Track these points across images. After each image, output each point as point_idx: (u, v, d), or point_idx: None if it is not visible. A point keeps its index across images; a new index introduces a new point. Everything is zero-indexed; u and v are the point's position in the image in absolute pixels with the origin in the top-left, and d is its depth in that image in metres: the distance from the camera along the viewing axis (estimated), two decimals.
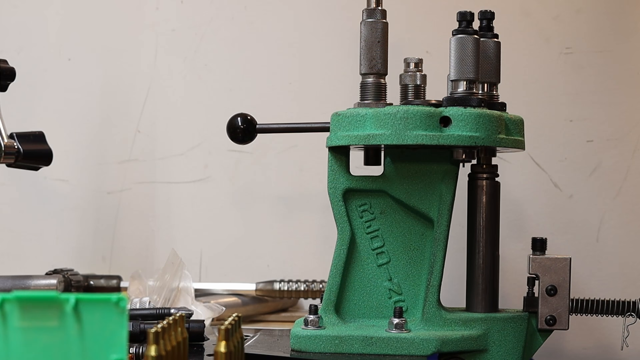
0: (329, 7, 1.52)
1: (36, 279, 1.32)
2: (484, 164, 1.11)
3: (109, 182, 1.57)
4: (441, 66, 1.18)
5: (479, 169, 1.12)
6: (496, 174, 1.12)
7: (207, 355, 1.04)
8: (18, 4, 1.59)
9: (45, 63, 1.58)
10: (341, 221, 1.10)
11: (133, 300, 1.23)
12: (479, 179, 1.11)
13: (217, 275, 1.54)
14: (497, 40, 1.15)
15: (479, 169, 1.12)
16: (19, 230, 1.59)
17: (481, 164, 1.12)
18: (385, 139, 1.03)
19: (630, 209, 1.45)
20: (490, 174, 1.11)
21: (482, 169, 1.11)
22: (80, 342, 0.72)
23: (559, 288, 1.09)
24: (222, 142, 1.42)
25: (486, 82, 1.14)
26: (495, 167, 1.12)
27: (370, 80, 1.11)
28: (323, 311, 1.08)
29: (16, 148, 1.22)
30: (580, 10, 1.46)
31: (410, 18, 1.49)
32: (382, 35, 1.10)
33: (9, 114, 1.27)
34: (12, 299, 0.72)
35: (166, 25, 1.56)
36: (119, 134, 1.57)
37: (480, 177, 1.11)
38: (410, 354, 1.03)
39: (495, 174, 1.12)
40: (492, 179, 1.11)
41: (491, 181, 1.11)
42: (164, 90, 1.56)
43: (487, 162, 1.12)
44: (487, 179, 1.11)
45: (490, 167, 1.11)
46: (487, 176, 1.11)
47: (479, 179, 1.11)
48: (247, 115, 1.17)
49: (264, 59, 1.54)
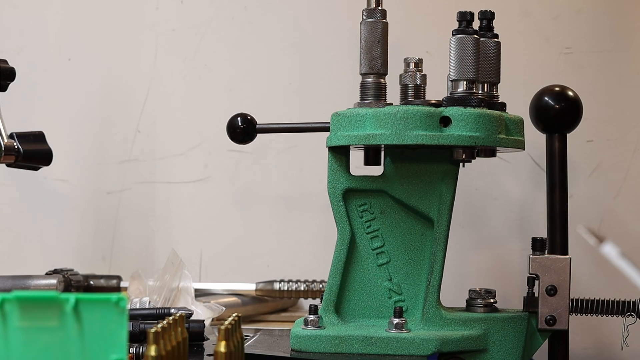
0: (329, 7, 1.53)
1: (36, 279, 1.32)
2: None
3: (109, 182, 1.57)
4: (441, 66, 1.18)
5: None
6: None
7: (207, 355, 1.04)
8: (18, 4, 1.59)
9: (45, 63, 1.58)
10: (341, 221, 1.10)
11: (133, 300, 1.23)
12: None
13: (217, 275, 1.54)
14: (497, 40, 1.15)
15: None
16: (19, 230, 1.59)
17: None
18: (385, 139, 1.03)
19: (630, 209, 1.45)
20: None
21: None
22: (80, 342, 0.72)
23: (559, 288, 1.09)
24: (222, 142, 1.42)
25: (486, 82, 1.14)
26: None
27: (370, 80, 1.11)
28: (323, 311, 1.08)
29: (16, 148, 1.22)
30: (580, 10, 1.46)
31: (410, 18, 1.49)
32: (382, 35, 1.10)
33: (9, 114, 1.27)
34: (12, 299, 0.72)
35: (166, 25, 1.56)
36: (119, 134, 1.57)
37: None
38: (410, 354, 1.03)
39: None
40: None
41: None
42: (164, 90, 1.56)
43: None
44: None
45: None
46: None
47: None
48: (247, 115, 1.17)
49: (264, 59, 1.54)
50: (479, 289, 1.12)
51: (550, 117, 1.19)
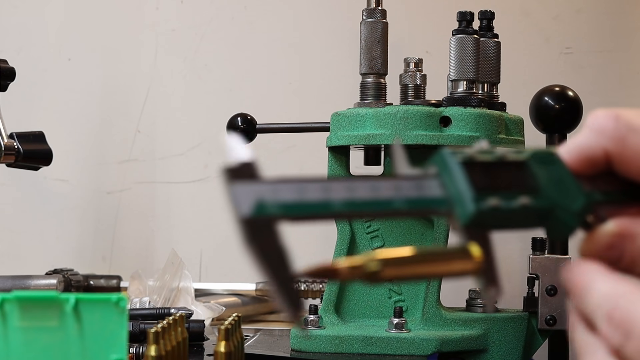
0: (329, 7, 1.53)
1: (36, 279, 1.32)
2: None
3: (109, 182, 1.57)
4: (441, 66, 1.18)
5: None
6: None
7: (207, 355, 1.03)
8: (18, 4, 1.59)
9: (45, 63, 1.58)
10: (341, 221, 1.10)
11: (133, 300, 1.23)
12: None
13: (217, 275, 1.54)
14: (497, 40, 1.15)
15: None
16: (19, 230, 1.59)
17: None
18: (385, 139, 1.03)
19: None
20: None
21: None
22: (80, 342, 0.72)
23: (559, 288, 1.09)
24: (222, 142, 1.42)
25: (486, 82, 1.14)
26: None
27: (370, 80, 1.11)
28: (323, 311, 1.08)
29: (16, 148, 1.22)
30: (581, 10, 1.46)
31: (410, 18, 1.49)
32: (382, 35, 1.10)
33: (9, 114, 1.27)
34: (12, 299, 0.72)
35: (166, 25, 1.56)
36: (119, 134, 1.57)
37: None
38: (410, 354, 1.03)
39: None
40: None
41: None
42: (164, 90, 1.56)
43: None
44: None
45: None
46: None
47: None
48: (247, 115, 1.17)
49: (264, 59, 1.54)
50: (479, 289, 1.12)
51: (550, 117, 1.19)
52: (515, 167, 0.54)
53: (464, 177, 0.53)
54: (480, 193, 0.52)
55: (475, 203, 0.52)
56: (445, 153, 0.53)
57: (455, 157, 0.53)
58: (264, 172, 0.55)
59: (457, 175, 0.53)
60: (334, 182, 0.53)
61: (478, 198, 0.52)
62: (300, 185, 0.53)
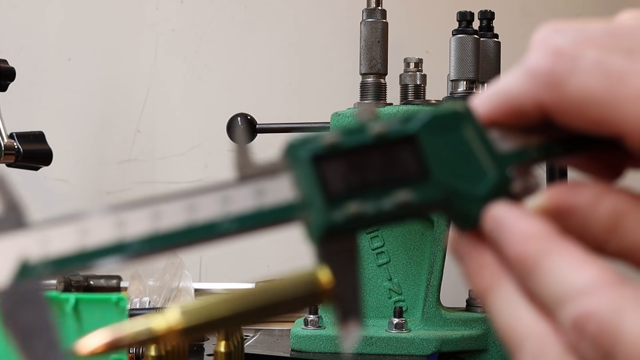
0: (329, 7, 1.53)
1: None
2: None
3: (109, 182, 1.57)
4: (441, 66, 1.18)
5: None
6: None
7: (207, 355, 1.04)
8: (18, 4, 1.59)
9: (45, 63, 1.58)
10: None
11: (133, 300, 1.23)
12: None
13: (217, 275, 1.54)
14: (497, 40, 1.15)
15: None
16: None
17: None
18: None
19: None
20: None
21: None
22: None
23: None
24: (222, 142, 1.42)
25: (486, 82, 1.14)
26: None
27: (370, 80, 1.11)
28: (323, 311, 1.08)
29: (16, 148, 1.22)
30: (581, 14, 1.46)
31: (410, 18, 1.49)
32: (382, 35, 1.10)
33: (9, 114, 1.27)
34: None
35: (166, 25, 1.56)
36: (119, 134, 1.57)
37: None
38: (410, 354, 1.03)
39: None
40: None
41: None
42: (164, 90, 1.56)
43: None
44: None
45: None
46: None
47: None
48: (247, 115, 1.17)
49: (264, 59, 1.54)
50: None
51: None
52: (398, 147, 0.41)
53: (314, 178, 0.41)
54: (335, 198, 0.40)
55: (325, 215, 0.40)
56: (295, 145, 0.42)
57: (306, 150, 0.41)
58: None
59: (305, 176, 0.41)
60: (132, 208, 0.41)
61: (330, 207, 0.40)
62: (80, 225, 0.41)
